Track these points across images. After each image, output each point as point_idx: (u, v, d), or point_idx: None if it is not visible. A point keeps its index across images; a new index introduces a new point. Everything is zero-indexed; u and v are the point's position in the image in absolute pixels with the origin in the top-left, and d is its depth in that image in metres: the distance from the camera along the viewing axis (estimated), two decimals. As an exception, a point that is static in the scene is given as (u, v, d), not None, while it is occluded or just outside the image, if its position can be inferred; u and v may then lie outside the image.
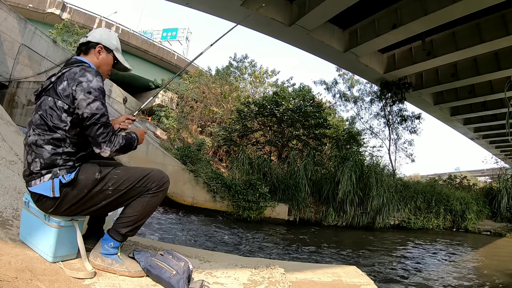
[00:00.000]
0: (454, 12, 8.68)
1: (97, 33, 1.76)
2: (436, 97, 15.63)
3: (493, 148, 23.85)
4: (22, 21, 11.73)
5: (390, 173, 12.21)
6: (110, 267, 1.57)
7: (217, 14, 10.04)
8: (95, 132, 1.51)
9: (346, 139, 13.77)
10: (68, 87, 1.49)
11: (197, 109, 15.13)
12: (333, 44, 11.19)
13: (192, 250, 2.34)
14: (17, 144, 2.73)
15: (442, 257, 6.93)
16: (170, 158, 9.19)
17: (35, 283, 1.25)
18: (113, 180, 1.54)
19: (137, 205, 1.59)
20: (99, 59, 1.72)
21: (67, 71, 1.55)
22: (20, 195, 2.07)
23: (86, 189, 1.50)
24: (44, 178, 1.47)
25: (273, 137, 12.61)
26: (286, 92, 14.26)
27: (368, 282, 2.00)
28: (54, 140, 1.48)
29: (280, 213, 9.01)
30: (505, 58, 11.36)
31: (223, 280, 1.75)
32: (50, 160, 1.47)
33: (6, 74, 11.09)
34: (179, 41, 40.94)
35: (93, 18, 19.57)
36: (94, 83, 1.52)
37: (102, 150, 1.53)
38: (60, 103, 1.48)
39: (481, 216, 13.66)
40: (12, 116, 9.14)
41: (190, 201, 8.76)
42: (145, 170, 1.64)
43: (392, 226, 10.51)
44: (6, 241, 1.53)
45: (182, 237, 5.69)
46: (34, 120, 1.51)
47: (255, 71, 17.06)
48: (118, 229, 1.59)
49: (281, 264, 2.14)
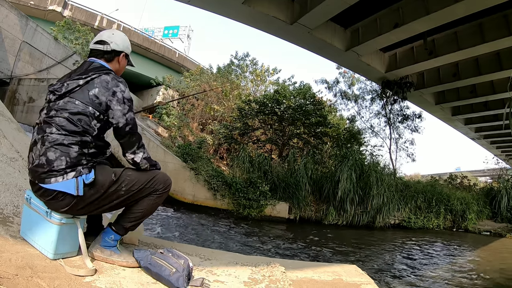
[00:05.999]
0: (456, 12, 8.64)
1: (119, 41, 1.79)
2: (438, 96, 15.58)
3: (494, 148, 23.81)
4: (24, 18, 11.73)
5: (390, 172, 12.18)
6: (109, 258, 1.62)
7: (219, 11, 10.01)
8: (129, 139, 1.66)
9: (347, 138, 13.75)
10: (101, 95, 1.56)
11: (198, 107, 15.12)
12: (334, 43, 11.15)
13: (193, 248, 2.34)
14: (18, 141, 2.72)
15: (442, 257, 6.93)
16: (171, 156, 9.20)
17: (35, 280, 1.25)
18: (126, 181, 1.61)
19: (144, 203, 1.67)
20: (120, 66, 1.83)
21: (97, 77, 1.59)
22: (21, 192, 2.06)
23: (102, 189, 1.55)
24: (67, 176, 1.48)
25: (273, 135, 12.60)
26: (287, 90, 14.23)
27: (368, 281, 2.00)
28: (82, 142, 1.52)
29: (280, 211, 9.02)
30: (507, 58, 11.31)
31: (224, 278, 1.75)
32: (76, 160, 1.50)
33: (7, 71, 11.10)
34: (180, 38, 40.78)
35: (95, 16, 19.56)
36: (126, 93, 1.65)
37: (136, 156, 1.68)
38: (91, 110, 1.54)
39: (482, 216, 13.63)
40: (13, 113, 9.15)
41: (191, 199, 8.77)
42: (151, 173, 1.72)
43: (392, 225, 10.50)
44: (6, 238, 1.53)
45: (183, 235, 5.70)
46: (58, 121, 1.50)
47: (256, 69, 17.04)
48: (123, 224, 1.67)
49: (282, 262, 2.14)
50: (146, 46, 21.36)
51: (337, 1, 8.61)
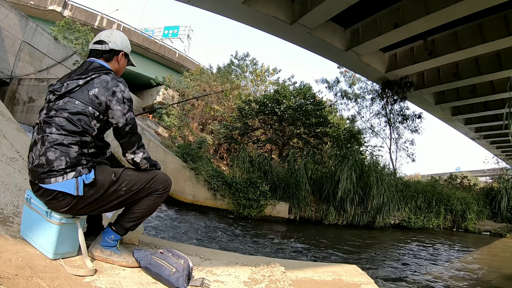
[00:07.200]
0: (457, 12, 8.64)
1: (117, 40, 1.79)
2: (438, 96, 15.57)
3: (494, 148, 23.79)
4: (24, 18, 11.73)
5: (390, 172, 12.19)
6: (109, 258, 1.62)
7: (219, 11, 10.01)
8: (129, 139, 1.66)
9: (347, 138, 13.75)
10: (101, 95, 1.56)
11: (198, 107, 15.12)
12: (334, 43, 11.15)
13: (193, 248, 2.34)
14: (18, 141, 2.72)
15: (442, 257, 6.93)
16: (171, 156, 9.20)
17: (35, 280, 1.25)
18: (126, 181, 1.61)
19: (143, 203, 1.67)
20: (120, 65, 1.82)
21: (97, 77, 1.59)
22: (21, 192, 2.06)
23: (102, 189, 1.55)
24: (67, 176, 1.48)
25: (273, 135, 12.60)
26: (287, 90, 14.23)
27: (368, 281, 2.00)
28: (81, 142, 1.52)
29: (280, 211, 9.02)
30: (507, 58, 11.30)
31: (224, 278, 1.75)
32: (76, 160, 1.50)
33: (7, 71, 11.10)
34: (180, 38, 40.73)
35: (95, 16, 19.55)
36: (126, 93, 1.65)
37: (136, 156, 1.68)
38: (91, 110, 1.54)
39: (482, 216, 13.64)
40: (13, 113, 9.15)
41: (191, 198, 8.77)
42: (151, 173, 1.72)
43: (392, 225, 10.51)
44: (6, 238, 1.53)
45: (183, 235, 5.70)
46: (58, 121, 1.50)
47: (256, 69, 17.03)
48: (123, 224, 1.68)
49: (282, 262, 2.13)
50: (146, 46, 21.35)
51: (337, 1, 8.61)
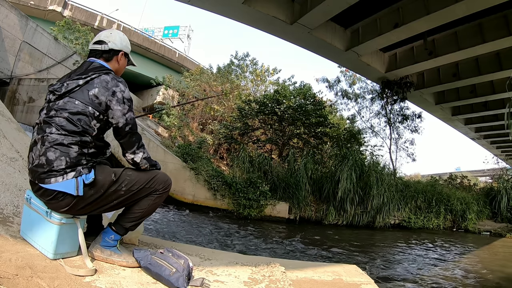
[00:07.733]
0: (457, 12, 8.63)
1: (116, 40, 1.78)
2: (438, 96, 15.57)
3: (494, 148, 23.78)
4: (24, 18, 11.72)
5: (390, 172, 12.18)
6: (109, 258, 1.62)
7: (219, 11, 10.00)
8: (128, 139, 1.66)
9: (347, 137, 13.75)
10: (100, 95, 1.56)
11: (198, 106, 15.12)
12: (334, 43, 11.14)
13: (193, 248, 2.34)
14: (18, 141, 2.72)
15: (442, 256, 6.93)
16: (171, 156, 9.20)
17: (35, 280, 1.25)
18: (126, 181, 1.61)
19: (143, 203, 1.67)
20: (120, 65, 1.82)
21: (97, 77, 1.59)
22: (21, 192, 2.06)
23: (102, 189, 1.55)
24: (67, 176, 1.48)
25: (273, 135, 12.60)
26: (287, 90, 14.23)
27: (368, 281, 2.00)
28: (81, 142, 1.52)
29: (280, 211, 9.02)
30: (506, 58, 11.30)
31: (224, 278, 1.75)
32: (76, 160, 1.50)
33: (7, 71, 11.10)
34: (180, 38, 40.76)
35: (95, 16, 19.55)
36: (126, 93, 1.65)
37: (136, 156, 1.68)
38: (91, 110, 1.53)
39: (482, 216, 13.64)
40: (13, 113, 9.15)
41: (191, 198, 8.77)
42: (151, 173, 1.72)
43: (392, 225, 10.50)
44: (6, 238, 1.53)
45: (183, 235, 5.70)
46: (58, 121, 1.50)
47: (256, 69, 17.03)
48: (123, 224, 1.68)
49: (282, 262, 2.13)
50: (146, 46, 21.34)
51: (337, 1, 8.60)
